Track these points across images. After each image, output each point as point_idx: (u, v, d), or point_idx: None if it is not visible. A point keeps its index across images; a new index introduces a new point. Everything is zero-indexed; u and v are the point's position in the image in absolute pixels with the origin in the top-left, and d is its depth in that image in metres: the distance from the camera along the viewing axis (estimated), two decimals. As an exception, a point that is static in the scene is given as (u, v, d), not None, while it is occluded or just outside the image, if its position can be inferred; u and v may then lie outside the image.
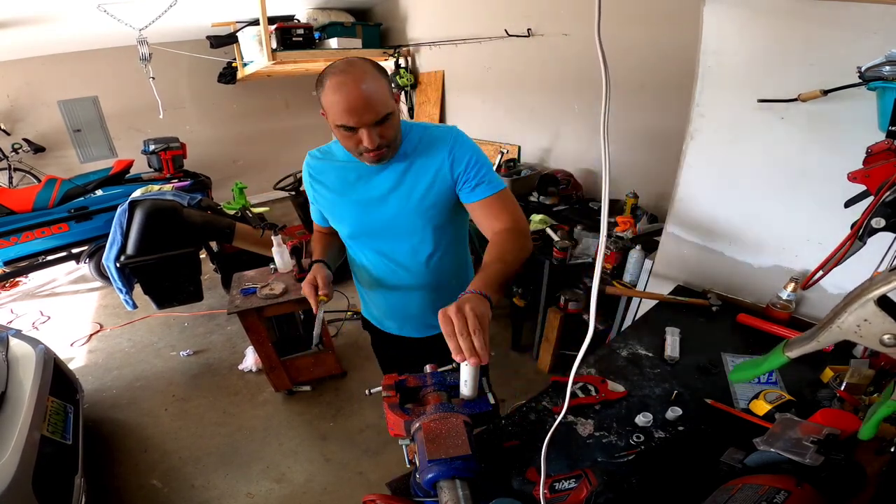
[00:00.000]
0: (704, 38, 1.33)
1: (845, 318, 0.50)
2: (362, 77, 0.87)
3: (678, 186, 1.56)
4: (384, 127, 0.92)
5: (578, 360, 0.53)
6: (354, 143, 0.93)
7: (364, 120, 0.88)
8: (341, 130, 0.92)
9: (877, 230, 0.81)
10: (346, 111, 0.87)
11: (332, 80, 0.88)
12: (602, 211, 0.48)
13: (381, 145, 0.93)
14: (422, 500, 0.78)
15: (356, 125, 0.89)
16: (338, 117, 0.89)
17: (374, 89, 0.88)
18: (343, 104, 0.87)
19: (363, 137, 0.91)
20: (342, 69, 0.88)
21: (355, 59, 0.91)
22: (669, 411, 0.98)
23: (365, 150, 0.94)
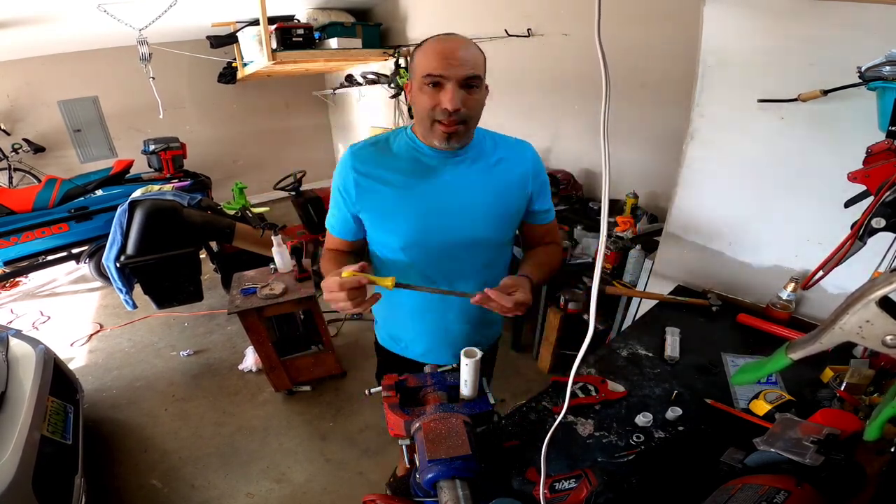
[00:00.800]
0: (704, 37, 1.33)
1: (847, 320, 0.50)
2: (462, 37, 0.88)
3: (678, 186, 1.56)
4: (470, 94, 0.87)
5: (578, 360, 0.53)
6: (432, 102, 0.87)
7: (454, 71, 0.84)
8: (424, 85, 0.86)
9: (877, 230, 0.81)
10: (440, 56, 0.84)
11: (434, 37, 0.88)
12: (602, 211, 0.48)
13: (460, 114, 0.87)
14: (422, 501, 0.78)
15: (444, 73, 0.84)
16: (427, 65, 0.85)
17: (470, 47, 0.87)
18: (438, 50, 0.84)
19: (446, 94, 0.85)
20: (447, 34, 0.89)
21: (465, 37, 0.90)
22: (669, 411, 0.98)
23: (442, 115, 0.87)
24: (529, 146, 1.08)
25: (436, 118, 0.89)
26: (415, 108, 0.93)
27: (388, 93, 4.22)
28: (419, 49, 0.89)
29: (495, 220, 1.03)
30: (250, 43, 3.69)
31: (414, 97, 0.92)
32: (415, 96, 0.91)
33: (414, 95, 0.91)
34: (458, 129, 0.90)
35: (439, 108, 0.87)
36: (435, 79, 0.85)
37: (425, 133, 0.95)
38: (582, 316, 2.25)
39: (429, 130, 0.92)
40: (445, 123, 0.89)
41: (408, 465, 0.75)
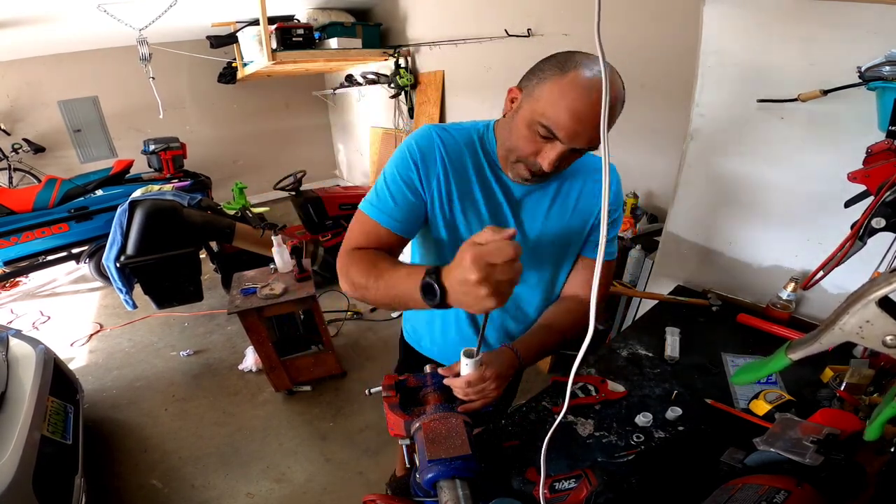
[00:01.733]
0: (704, 38, 1.32)
1: (847, 320, 0.50)
2: (616, 94, 0.69)
3: (678, 186, 1.56)
4: (574, 156, 0.75)
5: (579, 360, 0.53)
6: (531, 150, 0.74)
7: (578, 140, 0.69)
8: (535, 130, 0.71)
9: (877, 230, 0.81)
10: (571, 119, 0.68)
11: (584, 76, 0.67)
12: (602, 211, 0.48)
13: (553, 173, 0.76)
14: (422, 501, 0.78)
15: (564, 137, 0.69)
16: (551, 116, 0.69)
17: (612, 116, 0.70)
18: (574, 108, 0.67)
19: (549, 154, 0.72)
20: (591, 64, 0.69)
21: (615, 69, 0.70)
22: (669, 411, 0.98)
23: (532, 166, 0.76)
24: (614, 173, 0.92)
25: (524, 163, 0.77)
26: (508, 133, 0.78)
27: (388, 93, 4.23)
28: (558, 78, 0.69)
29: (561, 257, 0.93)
30: (250, 43, 3.70)
31: (516, 125, 0.75)
32: (518, 125, 0.74)
33: (517, 123, 0.75)
34: (540, 180, 0.80)
35: (533, 159, 0.75)
36: (551, 134, 0.70)
37: (503, 158, 0.82)
38: (582, 316, 2.25)
39: (510, 163, 0.80)
40: (530, 173, 0.77)
41: (408, 465, 0.75)
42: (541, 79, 0.72)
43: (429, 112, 3.89)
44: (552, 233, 0.89)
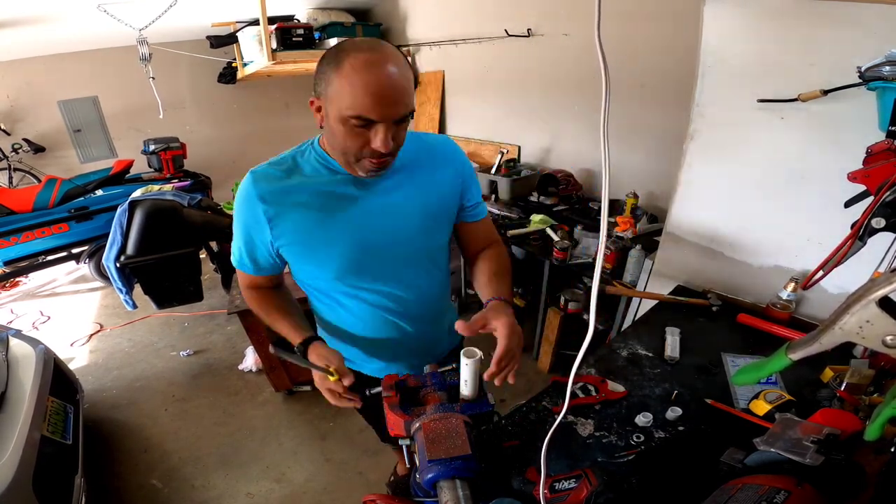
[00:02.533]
0: (704, 37, 1.33)
1: (847, 320, 0.50)
2: (395, 60, 0.72)
3: (678, 186, 1.56)
4: (401, 128, 0.77)
5: (579, 360, 0.53)
6: (360, 143, 0.76)
7: (389, 112, 0.72)
8: (351, 124, 0.73)
9: (877, 230, 0.81)
10: (373, 98, 0.70)
11: (358, 58, 0.69)
12: (602, 211, 0.48)
13: (392, 151, 0.77)
14: (422, 501, 0.78)
15: (378, 118, 0.72)
16: (355, 105, 0.71)
17: (405, 78, 0.73)
18: (370, 88, 0.69)
19: (378, 136, 0.74)
20: (370, 47, 0.71)
21: (380, 40, 0.74)
22: (669, 411, 0.98)
23: (371, 155, 0.77)
24: (450, 141, 1.00)
25: (363, 156, 0.78)
26: (332, 137, 0.79)
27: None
28: (339, 73, 0.70)
29: (431, 225, 0.95)
30: (250, 43, 3.69)
31: (332, 129, 0.76)
32: (333, 128, 0.76)
33: (332, 126, 0.76)
34: (388, 161, 0.82)
35: (368, 149, 0.76)
36: (366, 121, 0.73)
37: (345, 163, 0.84)
38: (582, 316, 2.25)
39: (352, 164, 0.82)
40: (375, 161, 0.79)
41: (408, 465, 0.75)
42: (326, 81, 0.73)
43: (429, 112, 3.89)
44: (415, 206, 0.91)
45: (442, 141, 0.99)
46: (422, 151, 0.93)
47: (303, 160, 0.89)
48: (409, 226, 0.91)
